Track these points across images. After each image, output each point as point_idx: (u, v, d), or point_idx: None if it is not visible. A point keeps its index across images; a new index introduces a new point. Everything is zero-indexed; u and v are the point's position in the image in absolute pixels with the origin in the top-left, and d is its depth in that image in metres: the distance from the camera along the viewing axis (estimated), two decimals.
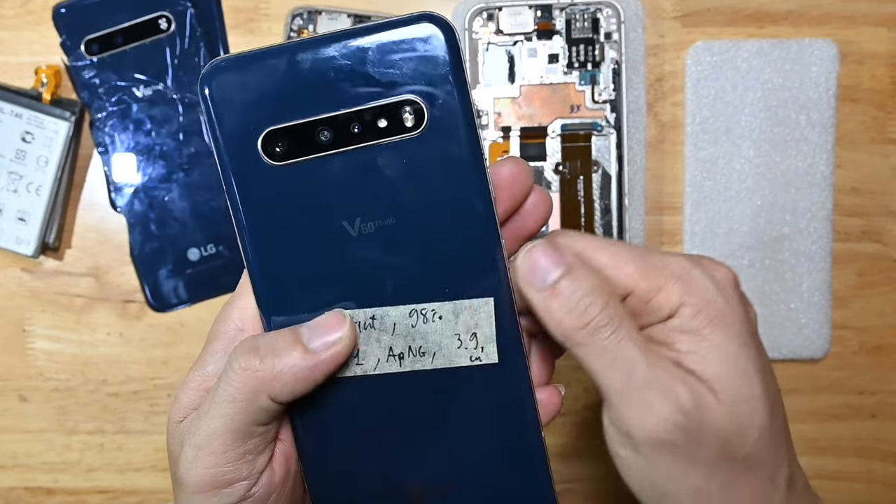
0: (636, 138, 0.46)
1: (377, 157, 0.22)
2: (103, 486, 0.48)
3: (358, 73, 0.22)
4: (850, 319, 0.47)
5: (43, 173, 0.45)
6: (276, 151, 0.22)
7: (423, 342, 0.23)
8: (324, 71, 0.22)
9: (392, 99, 0.22)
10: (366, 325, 0.23)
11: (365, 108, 0.22)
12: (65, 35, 0.45)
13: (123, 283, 0.47)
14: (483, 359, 0.23)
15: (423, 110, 0.22)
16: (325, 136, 0.22)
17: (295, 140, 0.22)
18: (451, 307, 0.23)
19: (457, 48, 0.22)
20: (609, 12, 0.45)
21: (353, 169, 0.22)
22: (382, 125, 0.22)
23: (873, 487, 0.48)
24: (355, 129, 0.22)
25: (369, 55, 0.22)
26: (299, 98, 0.22)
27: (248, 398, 0.22)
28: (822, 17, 0.46)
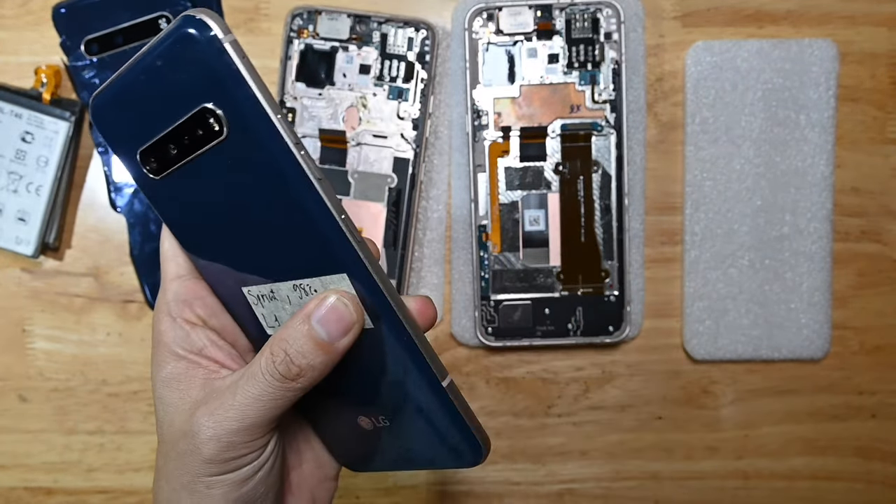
0: (636, 138, 0.46)
1: (212, 162, 0.24)
2: (103, 486, 0.48)
3: (165, 90, 0.24)
4: (850, 319, 0.47)
5: (43, 173, 0.45)
6: (152, 166, 0.25)
7: None
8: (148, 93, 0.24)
9: (193, 110, 0.23)
10: (269, 297, 0.27)
11: (180, 124, 0.24)
12: (65, 35, 0.45)
13: (123, 283, 0.47)
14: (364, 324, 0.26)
15: (219, 115, 0.23)
16: (173, 150, 0.25)
17: (157, 156, 0.25)
18: (319, 282, 0.26)
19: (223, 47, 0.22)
20: (609, 12, 0.45)
21: (204, 173, 0.25)
22: (200, 134, 0.24)
23: (873, 487, 0.48)
24: (185, 141, 0.24)
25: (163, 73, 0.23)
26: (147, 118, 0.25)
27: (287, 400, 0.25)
28: (822, 17, 0.46)
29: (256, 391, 0.25)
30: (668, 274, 0.47)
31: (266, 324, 0.28)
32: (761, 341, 0.46)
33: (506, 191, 0.45)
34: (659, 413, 0.48)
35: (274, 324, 0.27)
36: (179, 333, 0.27)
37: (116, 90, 0.25)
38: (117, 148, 0.26)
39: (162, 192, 0.26)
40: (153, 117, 0.24)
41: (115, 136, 0.26)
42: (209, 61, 0.22)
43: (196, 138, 0.24)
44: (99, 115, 0.26)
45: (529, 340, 0.46)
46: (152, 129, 0.25)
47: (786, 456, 0.48)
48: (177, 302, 0.27)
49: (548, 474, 0.48)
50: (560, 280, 0.45)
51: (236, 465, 0.26)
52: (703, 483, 0.48)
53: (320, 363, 0.25)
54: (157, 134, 0.25)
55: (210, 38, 0.22)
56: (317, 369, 0.25)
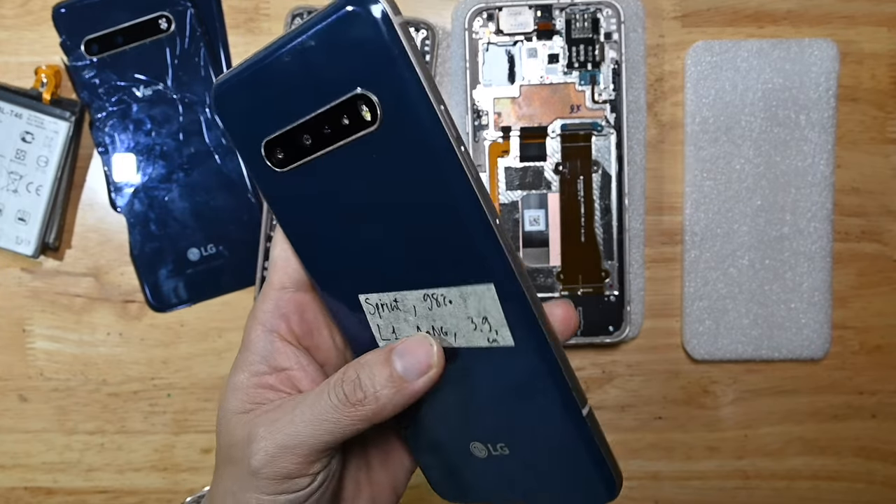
0: (636, 138, 0.46)
1: (355, 154, 0.22)
2: (103, 486, 0.48)
3: (314, 74, 0.22)
4: (850, 319, 0.47)
5: (43, 173, 0.45)
6: (278, 159, 0.23)
7: (443, 323, 0.24)
8: (288, 79, 0.22)
9: (344, 97, 0.22)
10: (391, 306, 0.25)
11: (326, 110, 0.22)
12: (65, 35, 0.45)
13: (123, 283, 0.47)
14: (500, 341, 0.24)
15: (375, 103, 0.21)
16: (307, 140, 0.23)
17: (288, 147, 0.23)
18: (457, 292, 0.23)
19: (392, 28, 0.21)
20: (609, 12, 0.45)
21: (342, 167, 0.23)
22: (346, 123, 0.22)
23: (873, 488, 0.48)
24: (326, 131, 0.22)
25: (313, 55, 0.21)
26: (279, 106, 0.23)
27: (345, 427, 0.24)
28: (822, 17, 0.46)
29: (317, 409, 0.24)
30: (668, 274, 0.47)
31: (380, 335, 0.26)
32: (761, 341, 0.46)
33: (506, 191, 0.45)
34: (659, 413, 0.48)
35: (389, 336, 0.25)
36: (268, 347, 0.26)
37: (250, 73, 0.23)
38: (238, 137, 0.24)
39: (283, 187, 0.24)
40: (289, 104, 0.22)
41: (238, 124, 0.24)
42: (374, 42, 0.20)
43: (340, 128, 0.22)
44: (222, 100, 0.24)
45: None
46: (286, 117, 0.23)
47: (786, 456, 0.48)
48: (275, 314, 0.26)
49: None
50: (560, 280, 0.45)
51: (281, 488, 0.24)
52: (703, 483, 0.48)
53: (386, 396, 0.24)
54: (291, 122, 0.23)
55: (380, 16, 0.21)
56: (380, 401, 0.24)
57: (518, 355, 0.24)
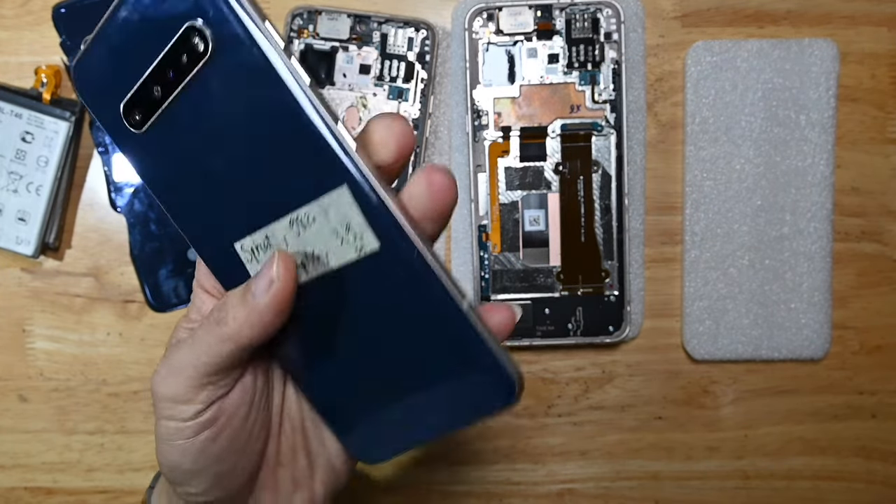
0: (636, 138, 0.46)
1: (198, 91, 0.23)
2: (103, 486, 0.48)
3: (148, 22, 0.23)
4: (850, 319, 0.47)
5: (43, 173, 0.45)
6: (137, 120, 0.24)
7: (314, 247, 0.24)
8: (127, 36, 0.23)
9: (177, 35, 0.22)
10: (265, 245, 0.25)
11: (166, 53, 0.23)
12: (65, 35, 0.45)
13: (123, 283, 0.47)
14: (366, 247, 0.23)
15: (205, 32, 0.22)
16: (157, 91, 0.23)
17: (141, 104, 0.24)
18: (317, 207, 0.23)
19: None
20: (609, 12, 0.45)
21: (191, 109, 0.23)
22: (184, 61, 0.22)
23: (873, 487, 0.48)
24: (170, 76, 0.23)
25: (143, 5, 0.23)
26: (126, 67, 0.24)
27: (215, 349, 0.25)
28: (822, 17, 0.46)
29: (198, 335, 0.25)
30: (668, 274, 0.47)
31: None
32: (761, 341, 0.46)
33: (506, 191, 0.45)
34: (659, 413, 0.48)
35: None
36: (197, 300, 0.28)
37: (95, 42, 0.24)
38: (99, 110, 0.25)
39: (147, 149, 0.25)
40: (134, 60, 0.23)
41: (97, 97, 0.25)
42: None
43: (181, 67, 0.23)
44: (80, 77, 0.24)
45: (529, 340, 0.46)
46: (134, 74, 0.23)
47: (786, 456, 0.48)
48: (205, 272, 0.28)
49: (548, 474, 0.48)
50: (560, 280, 0.45)
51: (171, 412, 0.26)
52: (703, 483, 0.48)
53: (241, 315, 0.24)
54: (139, 77, 0.23)
55: None
56: (237, 321, 0.24)
57: (386, 257, 0.23)
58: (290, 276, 0.24)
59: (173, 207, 0.26)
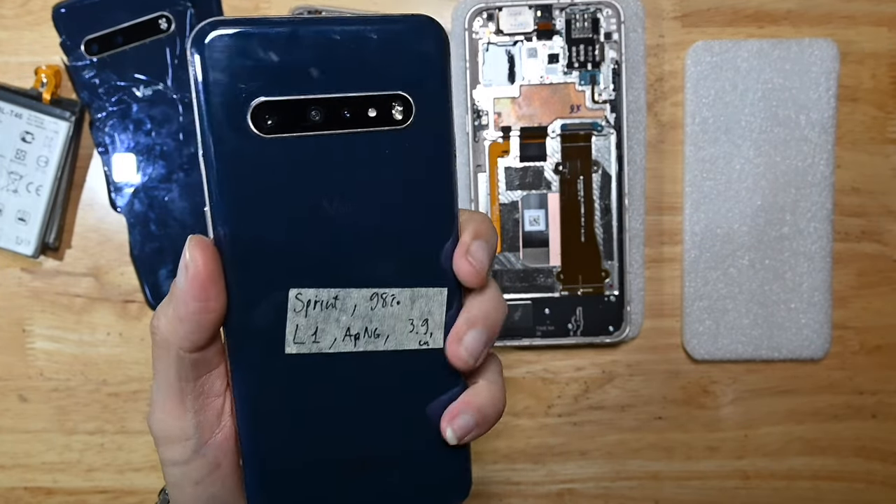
0: (636, 138, 0.46)
1: (361, 144, 0.23)
2: (103, 486, 0.48)
3: (356, 60, 0.23)
4: (850, 319, 0.47)
5: (43, 173, 0.45)
6: (265, 123, 0.23)
7: (380, 325, 0.25)
8: (324, 52, 0.22)
9: (386, 91, 0.23)
10: (328, 304, 0.24)
11: (359, 96, 0.23)
12: (65, 35, 0.45)
13: (123, 283, 0.47)
14: (430, 343, 0.25)
15: (412, 107, 0.23)
16: (315, 116, 0.23)
17: (286, 115, 0.23)
18: (409, 294, 0.24)
19: (448, 53, 0.23)
20: (609, 12, 0.45)
21: (337, 151, 0.23)
22: (372, 115, 0.23)
23: (873, 487, 0.48)
24: (346, 114, 0.23)
25: (369, 45, 0.23)
26: (297, 74, 0.23)
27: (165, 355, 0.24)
28: (822, 17, 0.46)
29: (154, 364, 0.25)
30: (668, 274, 0.47)
31: (294, 337, 0.24)
32: (761, 341, 0.46)
33: (506, 191, 0.45)
34: (659, 413, 0.48)
35: (306, 338, 0.24)
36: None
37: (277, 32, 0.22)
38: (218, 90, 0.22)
39: (252, 154, 0.23)
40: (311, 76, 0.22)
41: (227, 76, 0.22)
42: (431, 56, 0.23)
43: (362, 117, 0.23)
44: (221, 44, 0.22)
45: (529, 340, 0.46)
46: (304, 87, 0.22)
47: (786, 456, 0.48)
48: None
49: (548, 474, 0.48)
50: (560, 280, 0.45)
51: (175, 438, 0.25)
52: (703, 483, 0.48)
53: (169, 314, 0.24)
54: (308, 93, 0.22)
55: (443, 42, 0.23)
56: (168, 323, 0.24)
57: (440, 359, 0.25)
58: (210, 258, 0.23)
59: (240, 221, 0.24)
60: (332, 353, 0.24)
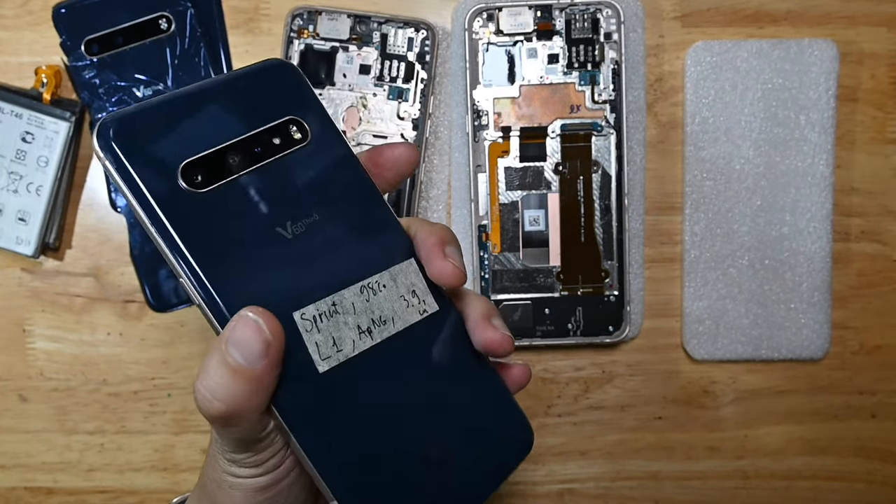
0: (636, 138, 0.46)
1: (282, 168, 0.26)
2: (103, 486, 0.48)
3: (245, 105, 0.26)
4: (849, 319, 0.47)
5: (43, 173, 0.45)
6: (197, 181, 0.24)
7: (381, 311, 0.26)
8: (217, 105, 0.26)
9: (280, 120, 0.26)
10: (330, 312, 0.25)
11: (261, 131, 0.26)
12: (65, 35, 0.45)
13: (123, 283, 0.47)
14: (428, 309, 0.27)
15: (304, 125, 0.27)
16: (234, 160, 0.25)
17: (210, 167, 0.25)
18: (388, 275, 0.26)
19: (304, 80, 0.28)
20: (609, 12, 0.45)
21: (267, 182, 0.25)
22: (277, 142, 0.26)
23: (873, 487, 0.48)
24: (257, 150, 0.26)
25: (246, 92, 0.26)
26: (202, 133, 0.25)
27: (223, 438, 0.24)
28: (822, 17, 0.46)
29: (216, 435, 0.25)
30: (667, 274, 0.47)
31: (320, 355, 0.24)
32: (761, 341, 0.46)
33: (506, 191, 0.45)
34: (659, 413, 0.48)
35: (330, 351, 0.25)
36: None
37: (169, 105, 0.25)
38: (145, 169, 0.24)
39: (198, 211, 0.24)
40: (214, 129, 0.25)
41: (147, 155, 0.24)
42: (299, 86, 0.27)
43: (269, 146, 0.26)
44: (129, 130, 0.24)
45: (529, 340, 0.46)
46: (211, 140, 0.25)
47: (786, 456, 0.48)
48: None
49: (548, 474, 0.48)
50: (560, 280, 0.45)
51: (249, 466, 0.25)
52: (703, 483, 0.48)
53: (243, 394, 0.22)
54: (217, 144, 0.25)
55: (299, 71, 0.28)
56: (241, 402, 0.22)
57: (444, 318, 0.27)
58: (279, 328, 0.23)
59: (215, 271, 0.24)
60: (357, 354, 0.25)
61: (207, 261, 0.24)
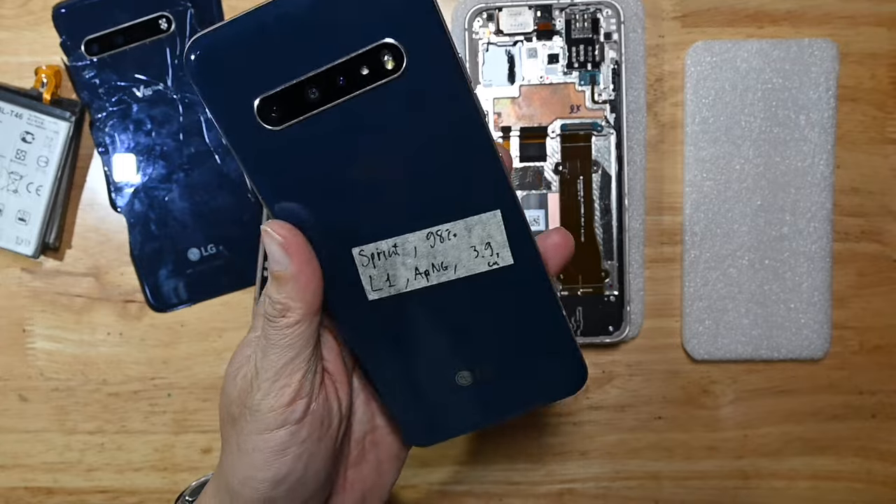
0: (636, 138, 0.46)
1: (369, 104, 0.23)
2: (103, 486, 0.48)
3: (330, 25, 0.22)
4: (850, 319, 0.47)
5: (43, 173, 0.45)
6: (273, 117, 0.23)
7: (444, 258, 0.26)
8: (299, 29, 0.22)
9: (368, 46, 0.22)
10: (388, 253, 0.26)
11: (344, 61, 0.23)
12: (65, 35, 0.45)
13: (123, 283, 0.47)
14: (500, 262, 0.26)
15: (402, 52, 0.22)
16: (314, 94, 0.23)
17: (288, 103, 0.23)
18: (462, 225, 0.25)
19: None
20: (609, 12, 0.45)
21: (351, 118, 0.23)
22: (365, 73, 0.23)
23: (873, 487, 0.48)
24: (341, 82, 0.23)
25: (337, 5, 0.22)
26: (282, 61, 0.23)
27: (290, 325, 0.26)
28: (822, 17, 0.46)
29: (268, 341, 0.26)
30: (668, 274, 0.47)
31: (371, 286, 0.26)
32: (761, 341, 0.46)
33: None
34: (659, 413, 0.48)
35: (382, 285, 0.26)
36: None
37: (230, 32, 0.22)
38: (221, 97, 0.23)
39: (275, 147, 0.24)
40: (293, 58, 0.22)
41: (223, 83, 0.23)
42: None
43: (357, 78, 0.23)
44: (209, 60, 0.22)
45: None
46: (289, 72, 0.23)
47: (786, 456, 0.48)
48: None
49: (547, 474, 0.48)
50: (560, 280, 0.45)
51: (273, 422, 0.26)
52: (703, 483, 0.48)
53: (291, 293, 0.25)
54: (295, 77, 0.23)
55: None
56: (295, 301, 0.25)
57: (516, 272, 0.26)
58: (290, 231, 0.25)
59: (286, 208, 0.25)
60: (412, 290, 0.26)
61: (278, 195, 0.25)
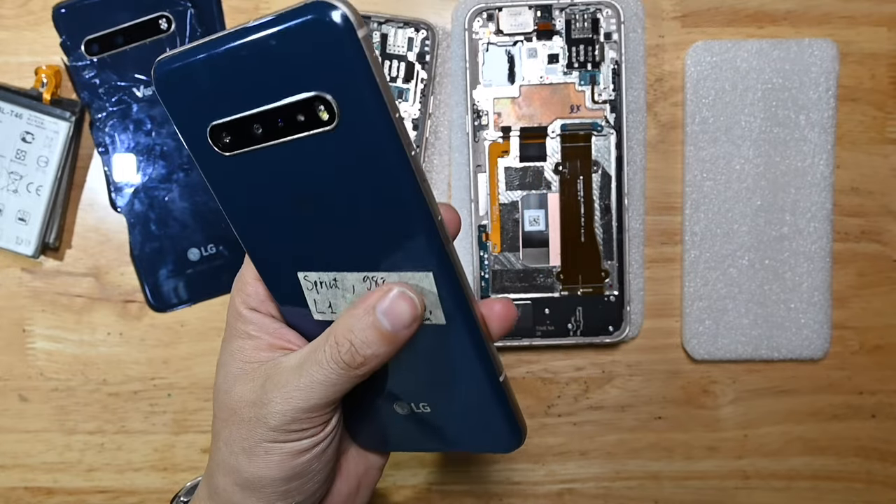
0: (636, 138, 0.46)
1: (306, 149, 0.23)
2: (103, 486, 0.48)
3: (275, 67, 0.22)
4: (850, 319, 0.47)
5: (43, 173, 0.45)
6: (224, 143, 0.24)
7: None
8: (249, 66, 0.23)
9: (303, 95, 0.22)
10: (329, 284, 0.27)
11: (282, 105, 0.23)
12: (65, 35, 0.45)
13: (123, 283, 0.47)
14: (433, 320, 0.27)
15: (333, 107, 0.22)
16: (258, 130, 0.24)
17: (235, 133, 0.24)
18: (396, 277, 0.26)
19: (354, 35, 0.21)
20: (609, 12, 0.45)
21: (291, 159, 0.24)
22: (301, 119, 0.23)
23: (873, 487, 0.48)
24: (280, 124, 0.23)
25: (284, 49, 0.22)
26: (232, 93, 0.23)
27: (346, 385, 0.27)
28: (822, 17, 0.46)
29: (321, 377, 0.27)
30: (668, 274, 0.47)
31: (316, 308, 0.28)
32: (761, 341, 0.46)
33: (506, 191, 0.45)
34: (659, 413, 0.48)
35: (325, 310, 0.28)
36: (257, 319, 0.29)
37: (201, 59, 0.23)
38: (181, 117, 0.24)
39: (227, 170, 0.25)
40: (241, 93, 0.23)
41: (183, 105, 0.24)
42: (337, 51, 0.21)
43: (294, 123, 0.23)
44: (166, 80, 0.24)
45: (529, 340, 0.46)
46: (237, 105, 0.23)
47: (786, 456, 0.48)
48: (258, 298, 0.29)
49: (548, 474, 0.48)
50: (560, 280, 0.45)
51: (297, 437, 0.28)
52: (703, 483, 0.48)
53: (384, 353, 0.26)
54: (241, 111, 0.23)
55: (343, 27, 0.21)
56: (380, 358, 0.27)
57: (448, 332, 0.27)
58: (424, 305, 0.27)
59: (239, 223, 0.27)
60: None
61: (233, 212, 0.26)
